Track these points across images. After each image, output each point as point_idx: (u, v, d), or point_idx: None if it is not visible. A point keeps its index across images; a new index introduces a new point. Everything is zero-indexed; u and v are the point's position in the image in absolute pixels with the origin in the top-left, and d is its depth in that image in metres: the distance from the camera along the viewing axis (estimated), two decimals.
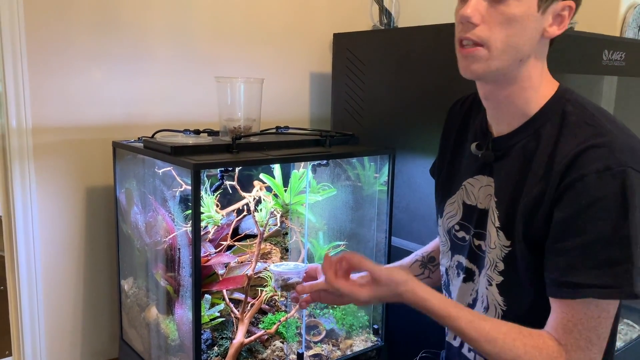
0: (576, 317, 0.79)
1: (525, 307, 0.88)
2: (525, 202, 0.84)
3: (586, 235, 0.77)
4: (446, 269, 1.04)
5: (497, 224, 0.89)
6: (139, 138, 1.41)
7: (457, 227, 1.00)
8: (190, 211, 1.15)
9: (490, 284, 0.91)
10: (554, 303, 0.82)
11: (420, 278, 1.16)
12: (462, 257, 0.99)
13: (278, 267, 1.19)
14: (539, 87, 0.86)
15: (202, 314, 1.26)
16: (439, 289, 1.20)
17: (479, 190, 0.95)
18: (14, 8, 1.31)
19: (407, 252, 1.53)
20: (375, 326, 1.52)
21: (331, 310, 1.51)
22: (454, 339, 1.03)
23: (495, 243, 0.89)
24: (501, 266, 0.88)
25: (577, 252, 0.78)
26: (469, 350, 1.00)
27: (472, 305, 0.97)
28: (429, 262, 1.17)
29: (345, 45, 1.71)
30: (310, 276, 1.18)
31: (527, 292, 0.87)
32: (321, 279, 1.13)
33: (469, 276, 0.98)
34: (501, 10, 0.79)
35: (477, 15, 0.80)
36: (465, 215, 0.98)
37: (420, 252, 1.20)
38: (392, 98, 1.59)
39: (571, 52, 1.44)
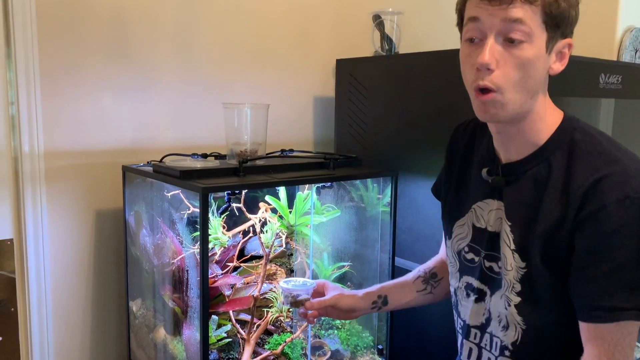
0: (615, 339, 0.82)
1: (543, 325, 0.91)
2: (544, 227, 0.87)
3: (614, 261, 0.80)
4: (455, 290, 1.06)
5: (512, 246, 0.91)
6: (148, 162, 1.45)
7: (466, 249, 1.02)
8: (197, 233, 1.18)
9: (509, 305, 0.93)
10: (589, 328, 0.84)
11: (423, 294, 1.19)
12: (472, 278, 1.01)
13: (287, 284, 1.21)
14: (545, 118, 0.90)
15: (209, 334, 1.28)
16: (443, 310, 1.22)
17: (489, 213, 0.97)
18: (28, 36, 1.36)
19: None
20: (380, 346, 1.53)
21: (336, 331, 1.53)
22: (468, 358, 1.05)
23: (511, 265, 0.91)
24: (518, 287, 0.91)
25: (607, 277, 0.81)
26: None
27: (485, 325, 0.99)
28: (431, 278, 1.19)
29: (348, 71, 1.76)
30: (317, 292, 1.20)
31: (546, 310, 0.90)
32: (328, 295, 1.15)
33: (480, 297, 0.99)
34: (516, 54, 0.82)
35: (494, 61, 0.82)
36: (475, 238, 1.00)
37: (422, 268, 1.22)
38: (393, 121, 1.62)
39: (568, 76, 1.47)
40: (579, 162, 0.85)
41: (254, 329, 1.37)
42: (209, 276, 1.36)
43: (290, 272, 1.55)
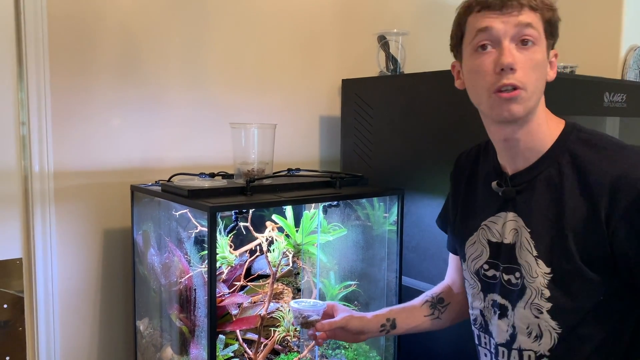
0: None
1: (580, 325, 0.91)
2: (574, 228, 0.88)
3: None
4: (481, 311, 1.05)
5: (535, 253, 0.92)
6: (156, 181, 1.46)
7: (486, 267, 1.02)
8: (205, 252, 1.19)
9: (541, 312, 0.93)
10: None
11: (431, 318, 1.18)
12: (495, 294, 1.01)
13: (298, 304, 1.21)
14: (547, 122, 0.95)
15: (216, 354, 1.28)
16: (450, 330, 1.22)
17: (503, 226, 0.98)
18: (40, 57, 1.39)
19: (418, 292, 1.54)
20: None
21: (343, 351, 1.52)
22: None
23: (536, 272, 0.92)
24: (547, 293, 0.91)
25: None
26: None
27: (510, 342, 0.98)
28: (439, 303, 1.19)
29: (354, 91, 1.77)
30: (326, 314, 1.20)
31: (582, 310, 0.90)
32: (338, 317, 1.15)
33: (502, 312, 0.99)
34: (530, 57, 0.88)
35: (515, 62, 0.88)
36: (493, 253, 1.00)
37: (430, 292, 1.22)
38: (399, 140, 1.63)
39: (573, 95, 1.49)
40: (593, 157, 0.89)
41: (261, 348, 1.37)
42: (217, 295, 1.36)
43: (297, 291, 1.55)
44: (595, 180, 0.87)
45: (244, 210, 1.29)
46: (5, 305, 1.40)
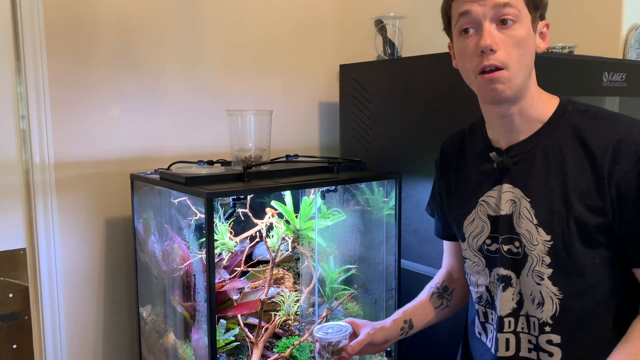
0: None
1: (581, 290, 0.93)
2: (580, 189, 0.91)
3: None
4: (487, 287, 1.05)
5: (535, 221, 0.94)
6: (155, 170, 1.48)
7: (488, 242, 1.03)
8: (204, 239, 1.20)
9: (542, 279, 0.95)
10: None
11: (441, 309, 1.19)
12: (499, 268, 1.01)
13: (324, 333, 1.14)
14: (539, 95, 0.97)
15: (217, 338, 1.29)
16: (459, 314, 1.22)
17: (499, 199, 1.00)
18: (37, 50, 1.40)
19: (417, 275, 1.56)
20: (388, 348, 1.53)
21: None
22: (506, 350, 1.02)
23: (537, 240, 0.94)
24: (548, 260, 0.94)
25: None
26: None
27: (517, 309, 0.99)
28: (444, 292, 1.20)
29: (351, 76, 1.77)
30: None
31: (583, 275, 0.92)
32: (362, 333, 1.15)
33: (507, 283, 1.00)
34: (511, 35, 0.90)
35: (495, 43, 0.90)
36: (494, 227, 1.01)
37: (432, 284, 1.22)
38: (397, 124, 1.64)
39: (572, 75, 1.48)
40: (592, 125, 0.92)
41: (262, 332, 1.39)
42: (217, 281, 1.38)
43: (297, 276, 1.56)
44: (597, 146, 0.90)
45: (242, 197, 1.30)
46: (10, 295, 1.43)
